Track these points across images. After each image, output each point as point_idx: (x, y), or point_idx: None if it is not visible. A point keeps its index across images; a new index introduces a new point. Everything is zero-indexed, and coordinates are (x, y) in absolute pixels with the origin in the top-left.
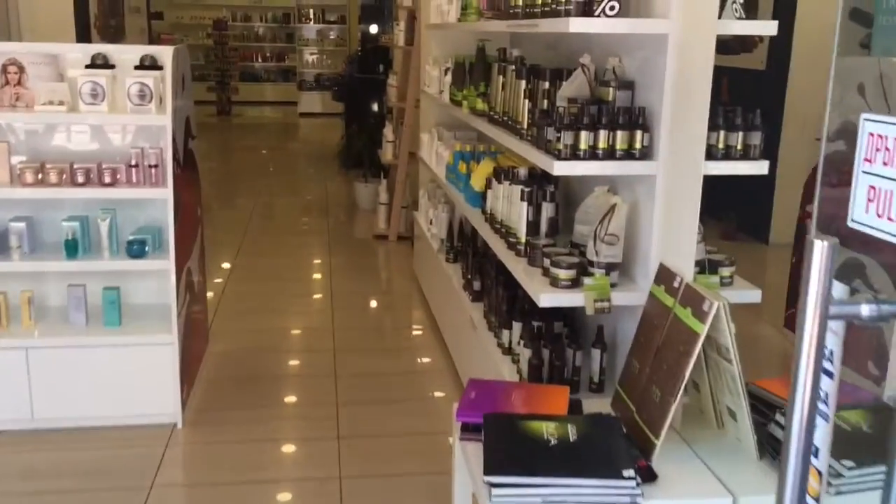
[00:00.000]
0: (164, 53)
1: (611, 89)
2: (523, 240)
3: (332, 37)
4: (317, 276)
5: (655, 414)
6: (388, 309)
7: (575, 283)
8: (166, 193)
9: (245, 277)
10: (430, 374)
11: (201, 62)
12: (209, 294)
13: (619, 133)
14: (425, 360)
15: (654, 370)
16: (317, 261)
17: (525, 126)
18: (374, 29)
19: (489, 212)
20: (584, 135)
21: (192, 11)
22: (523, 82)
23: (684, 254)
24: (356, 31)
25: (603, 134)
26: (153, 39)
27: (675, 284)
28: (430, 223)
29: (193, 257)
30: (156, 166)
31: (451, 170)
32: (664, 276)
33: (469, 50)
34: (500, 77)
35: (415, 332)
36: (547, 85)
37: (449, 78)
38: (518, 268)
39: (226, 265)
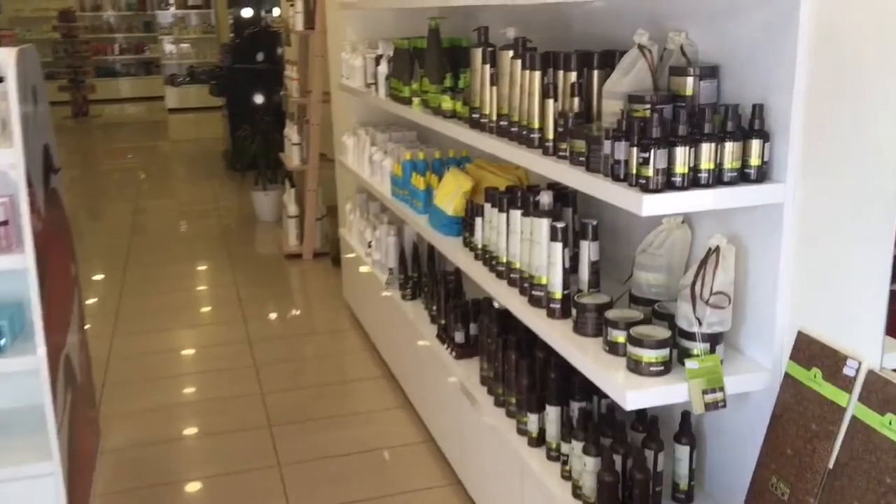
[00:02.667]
0: (5, 58)
1: (689, 79)
2: (559, 295)
3: (196, 23)
4: (226, 314)
5: None
6: (328, 358)
7: (667, 369)
8: (24, 261)
9: (134, 328)
10: (406, 458)
11: (49, 59)
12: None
13: (729, 146)
14: (394, 438)
15: (831, 502)
16: (221, 292)
17: (551, 136)
18: (247, 12)
19: (481, 246)
20: (680, 152)
21: (33, 3)
22: (538, 74)
23: (861, 323)
24: (226, 15)
25: (707, 149)
26: None
27: (848, 371)
28: (370, 246)
29: (72, 336)
30: (5, 223)
31: (401, 184)
32: (811, 352)
33: (407, 32)
34: (487, 67)
35: (372, 397)
36: (575, 76)
37: (384, 68)
38: (555, 335)
39: (109, 312)
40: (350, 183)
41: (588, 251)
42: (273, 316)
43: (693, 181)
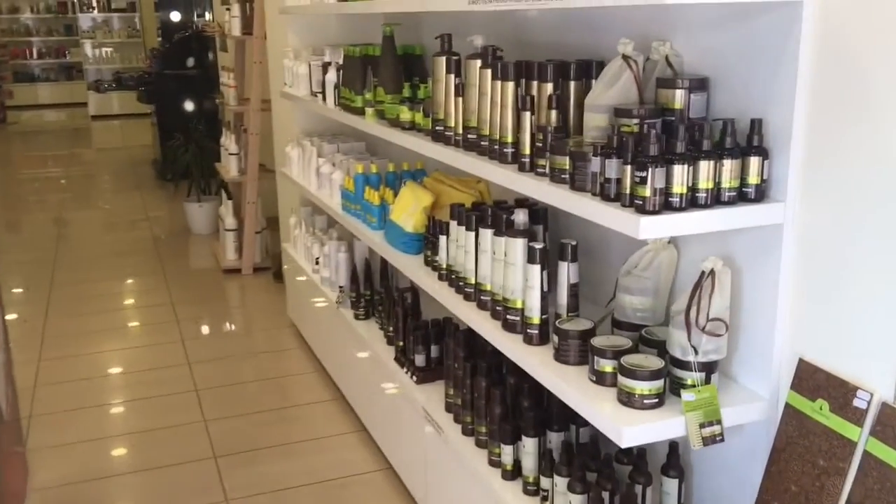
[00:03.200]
0: None
1: (679, 92)
2: (537, 321)
3: (120, 27)
4: (162, 335)
5: None
6: (274, 381)
7: (661, 401)
8: None
9: (62, 352)
10: (364, 488)
11: None
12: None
13: (728, 163)
14: (351, 467)
15: None
16: (157, 311)
17: (527, 151)
18: (176, 16)
19: (445, 266)
20: (679, 171)
21: None
22: (511, 85)
23: (871, 351)
24: (153, 19)
25: (706, 167)
26: None
27: (858, 403)
28: (317, 262)
29: None
30: None
31: (353, 198)
32: (815, 381)
33: (354, 38)
34: (452, 77)
35: (324, 422)
36: (551, 88)
37: (333, 76)
38: (533, 363)
39: (33, 334)
40: (293, 196)
41: (567, 273)
42: (213, 336)
43: (691, 201)
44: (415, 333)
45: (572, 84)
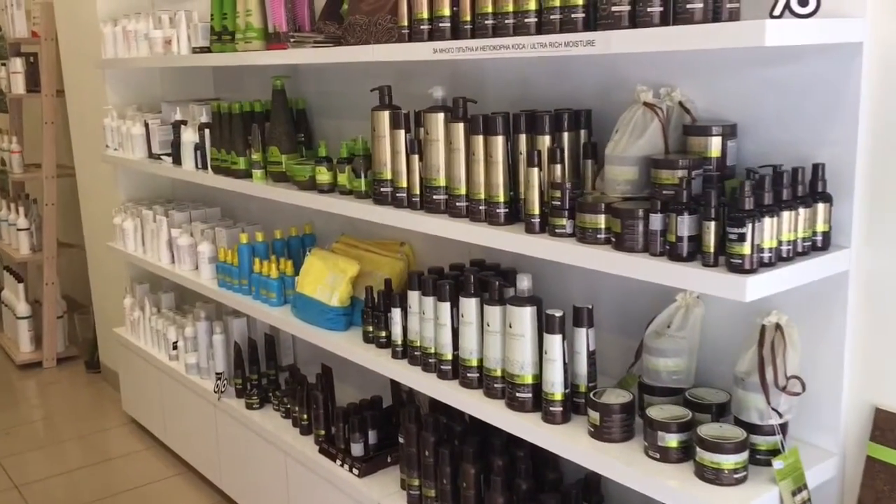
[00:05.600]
0: None
1: (714, 139)
2: (560, 396)
3: None
4: None
5: None
6: (132, 493)
7: (747, 474)
8: None
9: None
10: None
11: None
12: None
13: (803, 213)
14: None
15: None
16: None
17: (536, 211)
18: None
19: (401, 342)
20: (769, 223)
21: None
22: (500, 139)
23: None
24: None
25: (789, 217)
26: None
27: None
28: (175, 347)
29: None
30: None
31: (237, 272)
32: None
33: (191, 93)
34: (401, 132)
35: None
36: (549, 140)
37: (192, 136)
38: (567, 444)
39: None
40: (122, 273)
41: (586, 340)
42: (36, 448)
43: (779, 257)
44: (349, 419)
45: (566, 135)
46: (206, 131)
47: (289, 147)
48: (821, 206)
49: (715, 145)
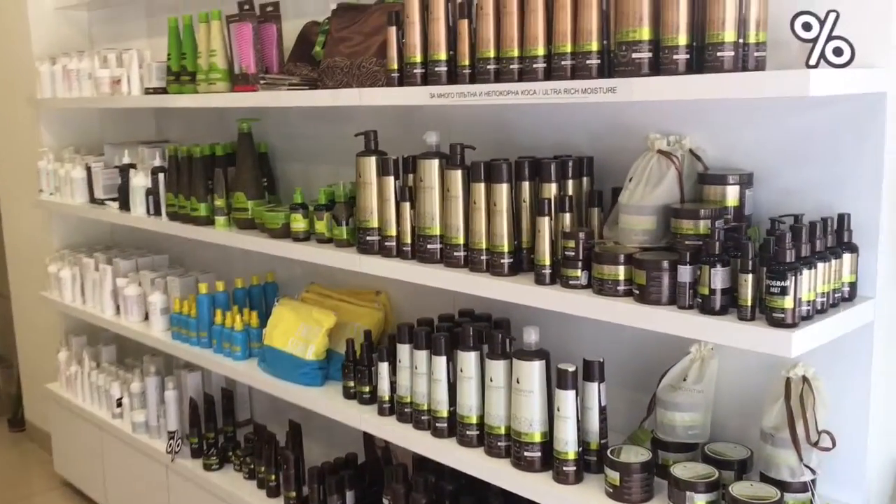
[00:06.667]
0: None
1: (732, 188)
2: (573, 455)
3: None
4: None
5: None
6: None
7: None
8: None
9: None
10: None
11: None
12: None
13: (835, 264)
14: None
15: None
16: None
17: (547, 262)
18: None
19: (388, 398)
20: (807, 276)
21: None
22: (504, 187)
23: None
24: None
25: (823, 269)
26: None
27: None
28: (119, 405)
29: None
30: None
31: (194, 324)
32: None
33: (137, 134)
34: (390, 179)
35: None
36: (555, 188)
37: (144, 181)
38: None
39: None
40: (56, 324)
41: (598, 395)
42: None
43: (817, 310)
44: (325, 480)
45: (570, 183)
46: (161, 175)
47: (255, 193)
48: (847, 257)
49: (732, 194)
